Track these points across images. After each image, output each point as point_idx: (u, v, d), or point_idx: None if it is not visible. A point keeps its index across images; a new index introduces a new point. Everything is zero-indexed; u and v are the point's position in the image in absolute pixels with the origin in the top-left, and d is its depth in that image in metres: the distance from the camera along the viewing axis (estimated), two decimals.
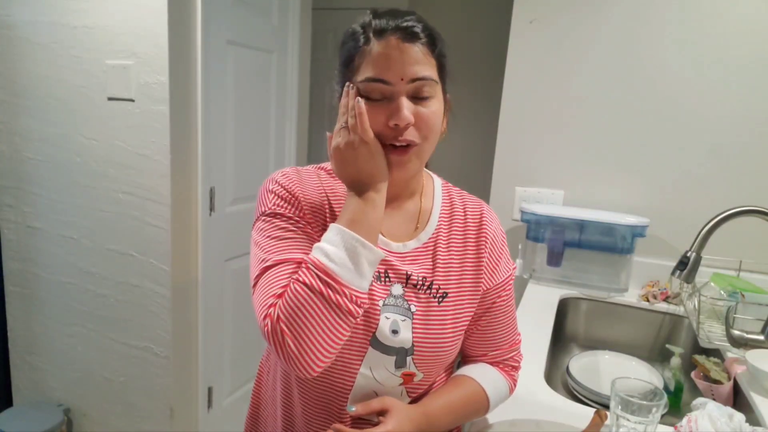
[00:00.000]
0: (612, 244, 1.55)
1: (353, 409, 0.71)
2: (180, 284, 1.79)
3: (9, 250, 2.01)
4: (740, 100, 1.49)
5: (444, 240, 0.80)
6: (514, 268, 0.86)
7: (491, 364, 0.86)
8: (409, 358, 0.74)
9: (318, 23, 2.61)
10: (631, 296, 1.55)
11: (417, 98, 0.70)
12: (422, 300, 0.76)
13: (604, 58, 1.59)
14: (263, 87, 2.16)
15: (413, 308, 0.75)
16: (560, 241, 1.59)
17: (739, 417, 0.81)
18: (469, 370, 0.84)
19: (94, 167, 1.78)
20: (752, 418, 0.96)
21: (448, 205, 0.84)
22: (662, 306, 1.49)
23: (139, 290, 1.80)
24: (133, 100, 1.68)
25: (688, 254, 1.19)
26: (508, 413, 0.92)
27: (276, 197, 0.75)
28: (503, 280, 0.83)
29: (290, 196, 0.75)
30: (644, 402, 0.77)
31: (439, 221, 0.81)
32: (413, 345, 0.74)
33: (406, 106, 0.69)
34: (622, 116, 1.60)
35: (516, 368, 0.88)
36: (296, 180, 0.77)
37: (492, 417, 0.90)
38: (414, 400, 0.80)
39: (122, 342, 1.87)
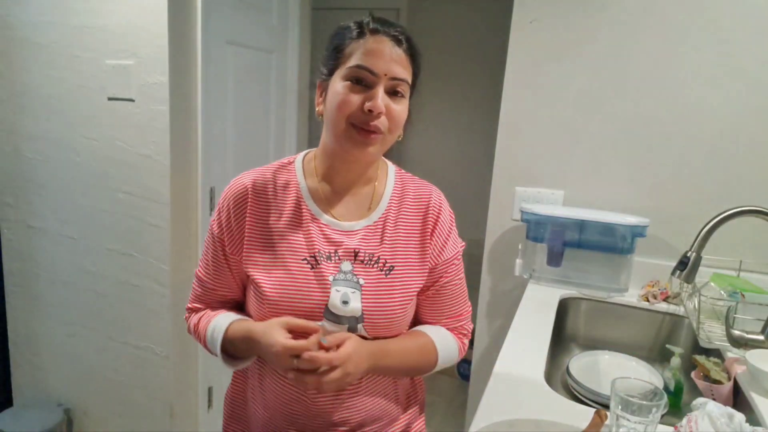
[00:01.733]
0: (612, 244, 1.55)
1: (325, 340, 0.77)
2: (180, 284, 1.79)
3: (9, 250, 2.01)
4: (740, 99, 1.49)
5: (392, 219, 0.90)
6: (462, 246, 0.96)
7: None
8: (360, 325, 0.84)
9: (318, 23, 2.60)
10: (631, 296, 1.55)
11: (391, 95, 0.81)
12: (371, 273, 0.85)
13: (604, 58, 1.59)
14: (263, 87, 2.16)
15: (362, 281, 0.85)
16: (560, 241, 1.59)
17: (739, 417, 0.81)
18: (426, 328, 0.94)
19: (94, 167, 1.78)
20: (752, 418, 0.96)
21: (399, 188, 0.93)
22: (662, 306, 1.49)
23: (139, 290, 1.80)
24: (133, 100, 1.68)
25: (688, 254, 1.19)
26: (508, 413, 0.92)
27: (219, 218, 0.89)
28: (450, 257, 0.92)
29: (229, 222, 0.88)
30: (644, 402, 0.77)
31: (389, 202, 0.91)
32: (363, 313, 0.83)
33: (382, 97, 0.79)
34: (622, 116, 1.60)
35: (465, 336, 0.98)
36: (239, 203, 0.87)
37: (492, 417, 0.90)
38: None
39: (122, 341, 1.87)
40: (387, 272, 0.86)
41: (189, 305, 0.96)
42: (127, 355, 1.87)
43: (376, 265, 0.86)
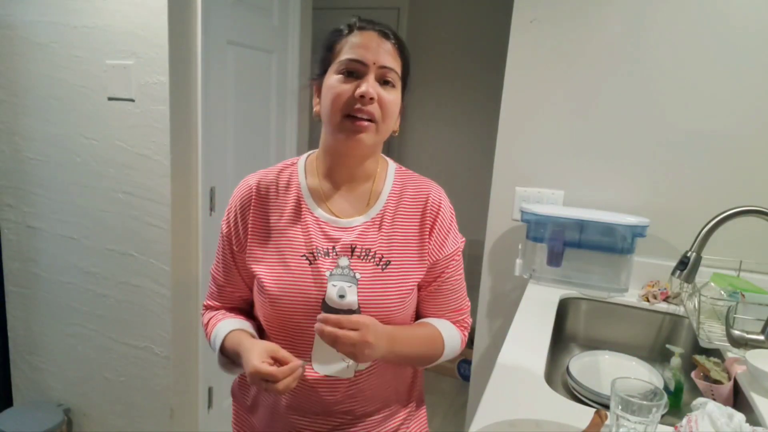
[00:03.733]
0: (612, 244, 1.55)
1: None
2: (180, 284, 1.79)
3: (9, 250, 2.01)
4: (741, 99, 1.49)
5: (390, 215, 0.91)
6: (463, 242, 0.97)
7: None
8: None
9: (318, 23, 2.60)
10: (631, 296, 1.55)
11: (382, 84, 0.84)
12: (367, 268, 0.87)
13: (605, 58, 1.59)
14: (263, 87, 2.16)
15: (358, 275, 0.86)
16: (560, 241, 1.59)
17: (739, 417, 0.81)
18: (431, 320, 0.96)
19: (94, 167, 1.78)
20: (752, 418, 0.96)
21: (399, 186, 0.94)
22: (662, 306, 1.49)
23: (139, 290, 1.80)
24: (133, 100, 1.68)
25: (688, 254, 1.19)
26: (508, 413, 0.92)
27: (227, 218, 0.94)
28: (451, 253, 0.94)
29: (236, 222, 0.93)
30: (644, 402, 0.77)
31: (387, 199, 0.92)
32: (359, 306, 0.85)
33: (372, 84, 0.83)
34: (623, 116, 1.60)
35: (466, 329, 1.00)
36: (245, 203, 0.92)
37: (492, 417, 0.90)
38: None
39: (122, 342, 1.87)
40: (384, 267, 0.88)
41: (205, 302, 1.01)
42: (127, 355, 1.87)
43: (372, 260, 0.88)
